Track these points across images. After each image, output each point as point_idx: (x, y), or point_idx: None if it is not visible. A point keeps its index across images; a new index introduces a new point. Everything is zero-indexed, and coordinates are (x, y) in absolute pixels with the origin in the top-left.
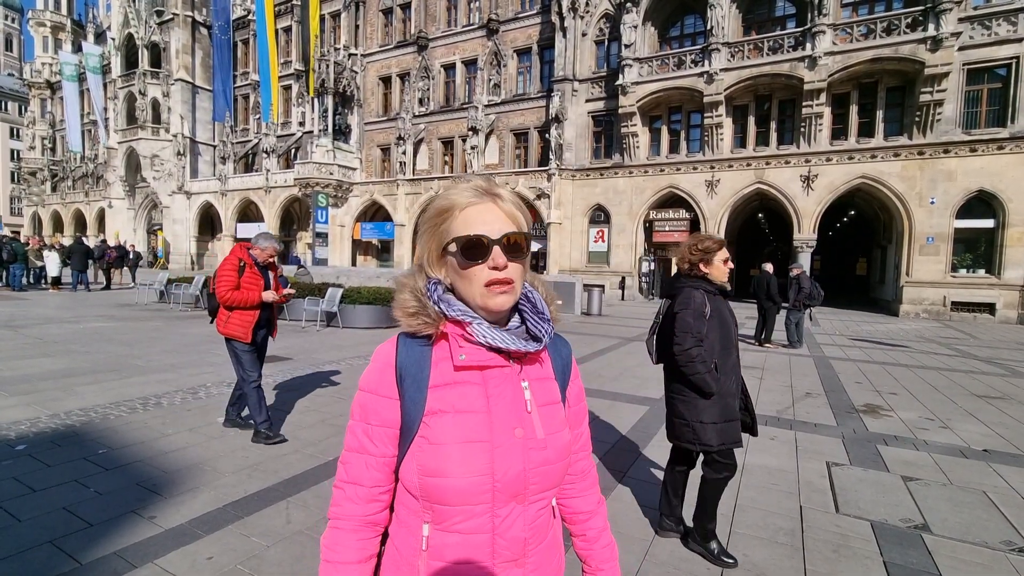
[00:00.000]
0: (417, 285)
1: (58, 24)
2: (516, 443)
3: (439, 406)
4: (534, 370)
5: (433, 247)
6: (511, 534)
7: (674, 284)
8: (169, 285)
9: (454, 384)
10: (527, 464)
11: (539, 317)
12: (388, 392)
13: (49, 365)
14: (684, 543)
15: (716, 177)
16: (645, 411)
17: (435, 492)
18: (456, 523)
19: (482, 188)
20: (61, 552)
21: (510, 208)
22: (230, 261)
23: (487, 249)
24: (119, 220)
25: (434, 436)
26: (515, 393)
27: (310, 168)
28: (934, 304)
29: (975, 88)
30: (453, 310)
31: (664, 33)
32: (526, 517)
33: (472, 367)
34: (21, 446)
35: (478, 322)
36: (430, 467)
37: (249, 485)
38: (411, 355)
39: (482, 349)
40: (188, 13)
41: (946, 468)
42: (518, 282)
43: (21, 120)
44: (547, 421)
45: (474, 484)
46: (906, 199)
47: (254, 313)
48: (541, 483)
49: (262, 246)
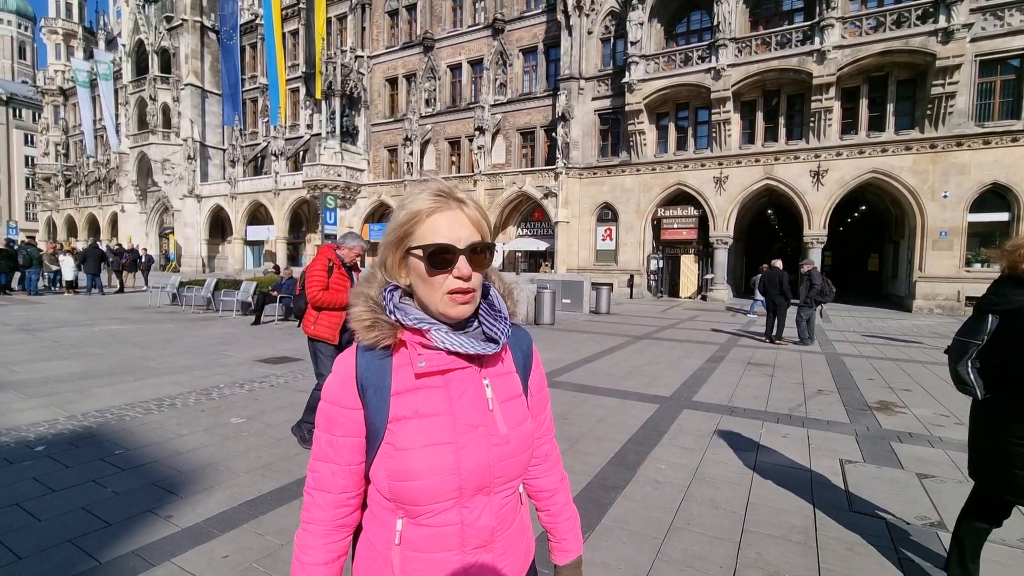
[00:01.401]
0: (371, 294)
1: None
2: (480, 441)
3: (402, 412)
4: (495, 368)
5: (396, 251)
6: (480, 524)
7: (1006, 294)
8: (181, 288)
9: (416, 390)
10: (491, 459)
11: (495, 318)
12: (351, 403)
13: (66, 367)
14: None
15: (724, 174)
16: (655, 410)
17: (405, 494)
18: (427, 518)
19: (447, 194)
20: (80, 551)
21: (475, 215)
22: (319, 262)
23: (453, 258)
24: (131, 224)
25: (399, 442)
26: (476, 392)
27: (318, 170)
28: (948, 299)
29: (988, 80)
30: (409, 319)
31: (670, 30)
32: (492, 506)
33: (433, 372)
34: (40, 447)
35: (436, 328)
36: (398, 471)
37: (263, 485)
38: (371, 365)
39: (441, 354)
40: (197, 19)
41: (962, 465)
42: (478, 291)
43: (35, 127)
44: (509, 416)
45: (441, 483)
46: (918, 193)
47: (341, 315)
48: (506, 474)
49: (349, 246)
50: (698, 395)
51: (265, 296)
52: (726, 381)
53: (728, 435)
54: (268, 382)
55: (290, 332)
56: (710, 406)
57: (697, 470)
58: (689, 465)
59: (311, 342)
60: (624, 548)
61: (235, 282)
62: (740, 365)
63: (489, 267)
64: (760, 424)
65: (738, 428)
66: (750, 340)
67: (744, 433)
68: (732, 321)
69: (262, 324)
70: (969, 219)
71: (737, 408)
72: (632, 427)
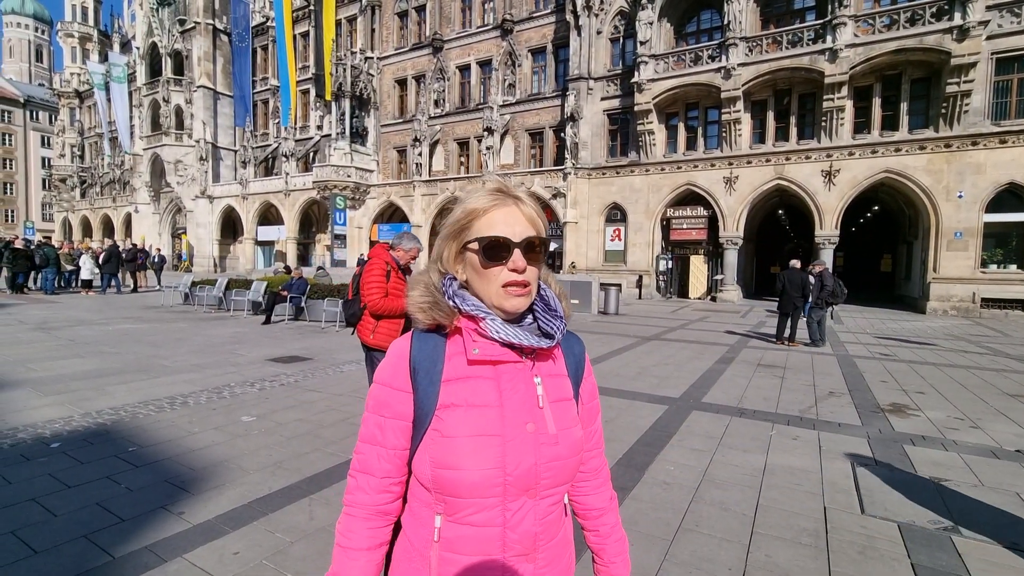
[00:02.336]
0: (431, 280)
1: (86, 35)
2: (528, 437)
3: (452, 400)
4: (546, 366)
5: (453, 245)
6: (522, 528)
7: None
8: (193, 287)
9: (467, 378)
10: (538, 459)
11: (551, 314)
12: (402, 385)
13: (81, 366)
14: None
15: (734, 174)
16: (664, 411)
17: (447, 484)
18: (468, 515)
19: (504, 191)
20: (95, 546)
21: (530, 212)
22: (377, 265)
23: (508, 251)
24: (145, 224)
25: (446, 429)
26: (527, 388)
27: (328, 171)
28: (963, 301)
29: (1004, 78)
30: (467, 304)
31: (680, 29)
32: (537, 512)
33: (485, 361)
34: (56, 444)
35: (491, 317)
36: (442, 460)
37: (273, 483)
38: (424, 349)
39: (495, 344)
40: (209, 21)
41: (977, 469)
42: (533, 284)
43: (51, 129)
44: (559, 417)
45: (485, 477)
46: (932, 193)
47: (400, 322)
48: (553, 478)
49: (405, 247)
50: (707, 396)
51: (276, 296)
52: (736, 382)
53: (738, 437)
54: (279, 381)
55: (300, 331)
56: (720, 407)
57: (706, 472)
58: (698, 467)
59: (369, 351)
60: (632, 550)
61: (246, 282)
62: (750, 366)
63: (544, 264)
64: (770, 426)
65: (748, 430)
66: (760, 341)
67: (754, 435)
68: (742, 322)
69: (273, 323)
70: (985, 219)
71: (747, 410)
72: (641, 428)
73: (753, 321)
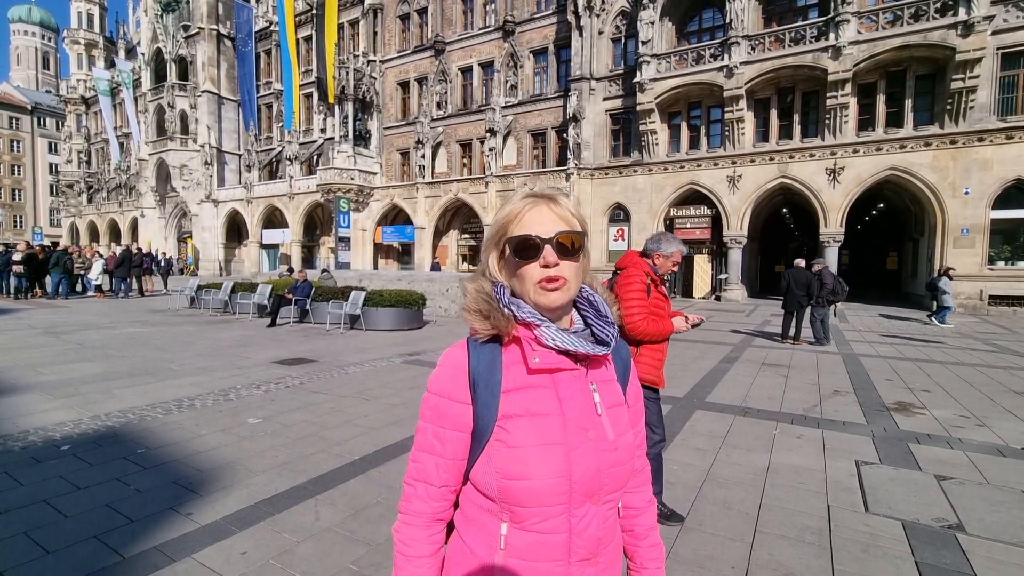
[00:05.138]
0: (483, 287)
1: (91, 41)
2: (590, 444)
3: (513, 410)
4: (600, 373)
5: (495, 252)
6: (587, 534)
7: None
8: (199, 291)
9: (527, 388)
10: (600, 465)
11: (603, 321)
12: (461, 397)
13: (89, 369)
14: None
15: (738, 172)
16: (668, 410)
17: (514, 494)
18: (535, 523)
19: (538, 193)
20: (105, 546)
21: (563, 211)
22: (636, 278)
23: (538, 248)
24: (151, 229)
25: (511, 440)
26: (584, 396)
27: (332, 174)
28: (970, 298)
29: (1010, 73)
30: (523, 312)
31: (682, 28)
32: (600, 517)
33: (543, 370)
34: (66, 446)
35: (546, 325)
36: (509, 470)
37: (279, 484)
38: (483, 360)
39: (552, 352)
40: (213, 27)
41: (982, 467)
42: (572, 281)
43: (58, 135)
44: (615, 422)
45: (552, 486)
46: (938, 190)
47: (664, 349)
48: (613, 483)
49: (665, 251)
50: (711, 395)
51: (281, 298)
52: (740, 382)
53: (741, 436)
54: (284, 383)
55: (305, 334)
56: (723, 407)
57: (710, 471)
58: (702, 466)
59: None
60: None
61: (251, 285)
62: (754, 365)
63: (585, 263)
64: (774, 425)
65: (752, 429)
66: (765, 340)
67: (758, 434)
68: (747, 321)
69: (278, 326)
70: (992, 216)
71: (751, 409)
72: None
73: (758, 320)
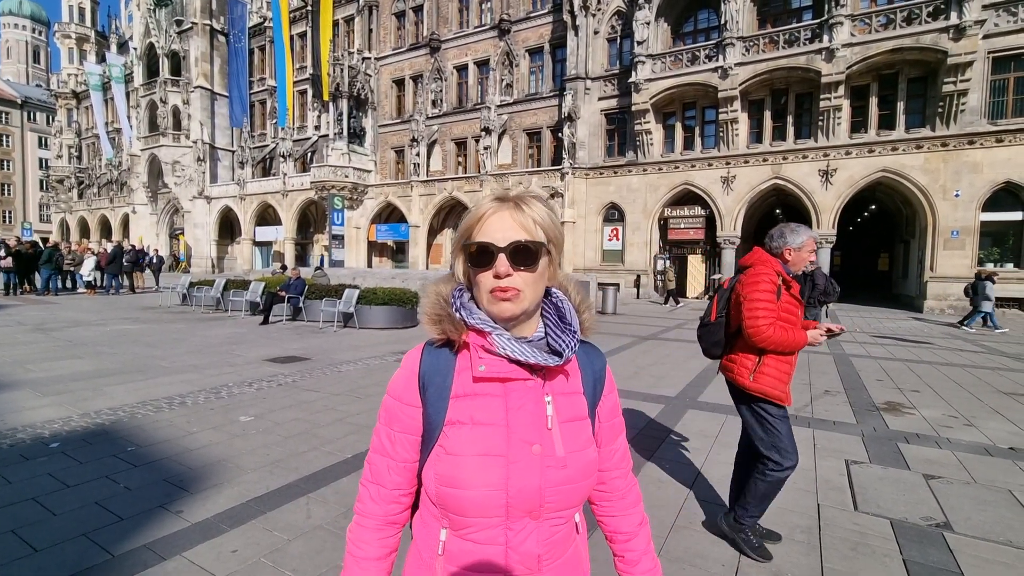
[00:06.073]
0: (442, 291)
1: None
2: (533, 459)
3: (458, 417)
4: (559, 384)
5: (462, 256)
6: (524, 548)
7: None
8: (191, 288)
9: (475, 395)
10: (544, 482)
11: (560, 328)
12: (411, 400)
13: (79, 366)
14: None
15: (732, 173)
16: (660, 409)
17: (449, 501)
18: (471, 532)
19: (505, 197)
20: (95, 544)
21: (525, 218)
22: (767, 278)
23: (492, 257)
24: (142, 225)
25: (451, 446)
26: (536, 408)
27: (326, 171)
28: (960, 300)
29: (1001, 77)
30: (474, 318)
31: (677, 29)
32: (541, 533)
33: (493, 379)
34: (55, 444)
35: (498, 332)
36: (446, 476)
37: (271, 481)
38: (435, 363)
39: (503, 361)
40: (207, 22)
41: (970, 466)
42: (527, 291)
43: (49, 130)
44: (569, 438)
45: (487, 497)
46: (929, 192)
47: (793, 360)
48: (559, 502)
49: (795, 244)
50: (703, 395)
51: (273, 296)
52: None
53: (733, 435)
54: (276, 381)
55: (298, 332)
56: (715, 406)
57: (701, 470)
58: (693, 465)
59: (747, 399)
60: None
61: (244, 282)
62: None
63: (538, 266)
64: None
65: None
66: None
67: None
68: None
69: (270, 324)
70: (982, 218)
71: None
72: (637, 427)
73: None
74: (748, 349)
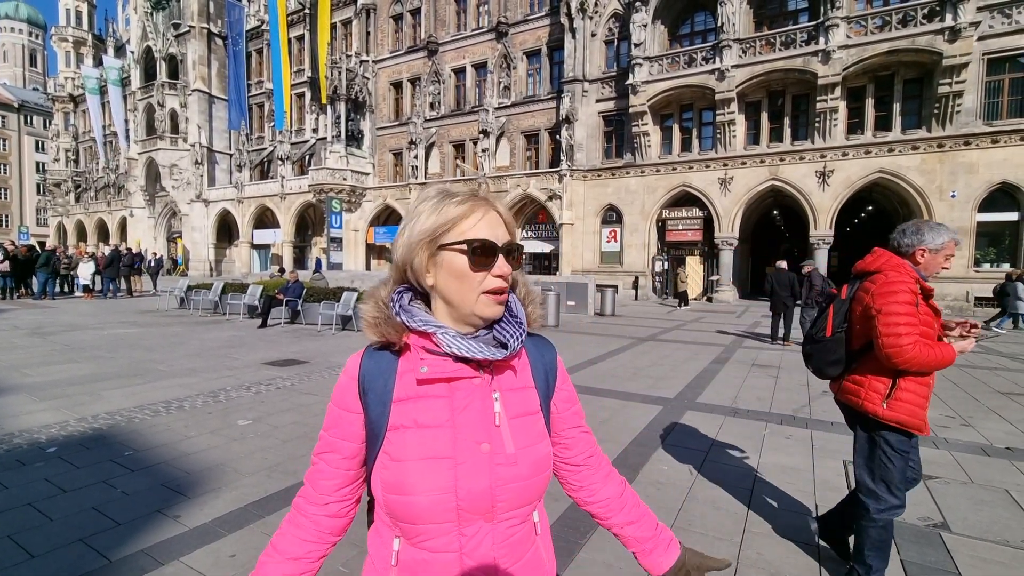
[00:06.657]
0: (380, 294)
1: (80, 39)
2: (482, 459)
3: (401, 421)
4: (507, 379)
5: (426, 250)
6: (479, 553)
7: None
8: (189, 291)
9: (418, 398)
10: (494, 481)
11: (509, 322)
12: (351, 406)
13: (76, 370)
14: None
15: (729, 175)
16: (658, 411)
17: (398, 509)
18: (423, 540)
19: (480, 195)
20: (92, 550)
21: (507, 217)
22: (904, 285)
23: (495, 256)
24: (140, 228)
25: (396, 452)
26: (483, 405)
27: (324, 174)
28: (956, 300)
29: (996, 78)
30: (415, 321)
31: (674, 31)
32: (496, 536)
33: (437, 379)
34: (52, 448)
35: (443, 331)
36: (392, 484)
37: (269, 485)
38: (376, 367)
39: (448, 360)
40: (204, 25)
41: (967, 466)
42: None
43: (46, 133)
44: (519, 434)
45: (437, 502)
46: (926, 193)
47: (932, 381)
48: (511, 500)
49: (933, 244)
50: (702, 396)
51: (272, 299)
52: (730, 382)
53: (731, 436)
54: (274, 384)
55: (296, 335)
56: (714, 407)
57: (699, 471)
58: (691, 466)
59: (872, 426)
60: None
61: (242, 285)
62: (745, 366)
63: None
64: (764, 425)
65: (741, 429)
66: (755, 341)
67: (747, 434)
68: (738, 322)
69: (268, 327)
70: (978, 219)
71: (741, 409)
72: (635, 429)
73: (748, 321)
74: (880, 371)
